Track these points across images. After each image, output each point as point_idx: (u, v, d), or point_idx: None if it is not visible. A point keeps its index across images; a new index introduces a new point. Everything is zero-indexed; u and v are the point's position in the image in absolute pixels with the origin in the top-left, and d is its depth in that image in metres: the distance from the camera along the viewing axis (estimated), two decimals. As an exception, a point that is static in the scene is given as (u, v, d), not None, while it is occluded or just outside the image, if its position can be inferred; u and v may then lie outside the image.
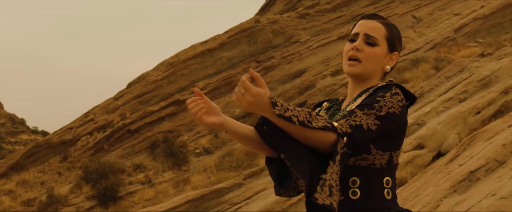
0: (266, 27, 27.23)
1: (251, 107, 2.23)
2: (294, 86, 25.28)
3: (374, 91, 2.39)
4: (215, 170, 22.16)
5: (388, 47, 2.52)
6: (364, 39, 2.49)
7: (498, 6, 28.11)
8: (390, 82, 2.46)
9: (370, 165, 2.40)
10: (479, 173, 11.15)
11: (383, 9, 28.68)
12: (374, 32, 2.50)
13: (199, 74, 25.98)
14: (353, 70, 2.48)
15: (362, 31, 2.50)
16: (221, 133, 24.11)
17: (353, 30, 2.53)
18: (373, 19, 2.54)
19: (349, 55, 2.48)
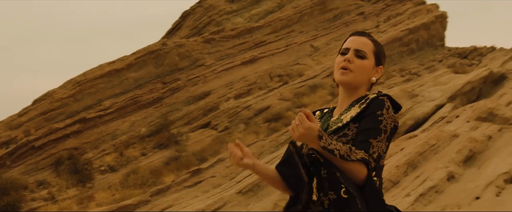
0: (173, 50, 27.86)
1: (301, 138, 2.52)
2: (198, 107, 26.02)
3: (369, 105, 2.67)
4: (119, 187, 22.37)
5: (375, 61, 2.84)
6: (354, 53, 2.76)
7: (387, 40, 30.19)
8: (380, 93, 2.74)
9: None
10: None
11: (284, 38, 30.09)
12: (363, 47, 2.78)
13: (105, 93, 26.18)
14: (344, 78, 2.76)
15: (353, 46, 2.78)
16: (127, 151, 24.44)
17: (344, 45, 2.81)
18: (363, 36, 2.83)
19: (341, 66, 2.77)
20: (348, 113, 2.76)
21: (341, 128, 2.74)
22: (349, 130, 2.72)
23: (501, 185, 11.17)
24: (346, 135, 2.71)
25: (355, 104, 2.77)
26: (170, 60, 27.45)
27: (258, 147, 20.22)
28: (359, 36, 2.84)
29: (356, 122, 2.72)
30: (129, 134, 25.02)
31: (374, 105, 2.69)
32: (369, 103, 2.70)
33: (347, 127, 2.73)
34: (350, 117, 2.73)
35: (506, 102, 15.37)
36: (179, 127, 25.18)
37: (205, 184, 19.06)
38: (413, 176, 12.64)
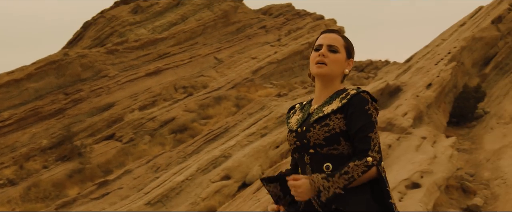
0: (75, 60, 27.40)
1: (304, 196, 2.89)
2: (102, 119, 25.71)
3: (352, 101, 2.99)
4: (20, 201, 21.71)
5: (346, 54, 3.15)
6: (327, 48, 3.09)
7: (289, 53, 31.12)
8: (359, 89, 3.06)
9: (340, 153, 3.00)
10: (284, 199, 12.66)
11: (188, 50, 30.30)
12: (335, 42, 3.12)
13: (4, 104, 25.35)
14: (321, 71, 3.08)
15: (325, 42, 3.11)
16: (27, 164, 23.76)
17: (317, 42, 3.14)
18: (333, 33, 3.18)
19: (317, 60, 3.09)
20: (329, 105, 3.07)
21: (323, 118, 3.04)
22: (330, 120, 3.02)
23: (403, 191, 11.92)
24: (328, 125, 3.02)
25: (335, 98, 3.09)
26: (72, 71, 26.98)
27: (165, 158, 20.29)
28: (329, 33, 3.18)
29: (337, 113, 3.03)
30: (30, 146, 24.35)
31: (358, 101, 3.01)
32: (350, 99, 3.03)
33: (328, 118, 3.03)
34: (331, 109, 3.04)
35: (403, 113, 16.31)
36: (82, 139, 24.77)
37: (112, 196, 18.90)
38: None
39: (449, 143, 14.55)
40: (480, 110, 19.53)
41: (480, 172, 14.63)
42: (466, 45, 20.91)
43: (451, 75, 18.86)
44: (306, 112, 3.19)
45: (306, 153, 3.07)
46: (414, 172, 12.16)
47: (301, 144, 3.09)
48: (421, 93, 17.57)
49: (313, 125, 3.06)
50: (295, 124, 3.19)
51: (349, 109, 3.01)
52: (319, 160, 3.02)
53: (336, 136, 3.01)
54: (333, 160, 3.01)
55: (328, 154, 3.02)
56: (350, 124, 3.00)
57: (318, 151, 3.04)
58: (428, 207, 11.27)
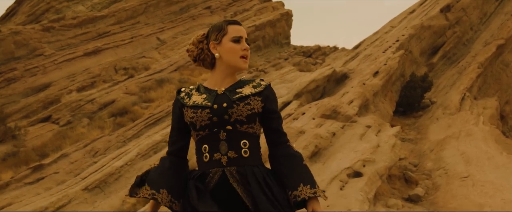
0: (8, 37, 26.18)
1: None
2: (38, 100, 24.67)
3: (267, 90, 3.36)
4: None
5: None
6: (246, 41, 3.38)
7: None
8: (263, 80, 3.45)
9: (254, 133, 3.26)
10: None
11: (129, 29, 29.40)
12: (246, 35, 3.43)
13: None
14: (246, 66, 3.38)
15: (243, 35, 3.39)
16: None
17: (234, 32, 3.37)
18: (241, 25, 3.44)
19: (244, 54, 3.36)
20: (243, 89, 3.32)
21: (245, 98, 3.28)
22: (251, 100, 3.28)
23: (345, 179, 11.77)
24: (249, 104, 3.26)
25: (244, 85, 3.36)
26: (5, 48, 25.77)
27: (104, 142, 19.59)
28: (241, 26, 3.41)
29: (256, 96, 3.29)
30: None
31: (271, 91, 3.39)
32: (265, 87, 3.37)
33: (249, 98, 3.28)
34: (249, 92, 3.30)
35: (348, 101, 16.12)
36: (16, 121, 23.72)
37: (48, 181, 18.13)
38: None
39: (393, 133, 14.42)
40: (426, 100, 19.55)
41: (423, 162, 14.60)
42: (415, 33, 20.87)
43: (398, 64, 18.78)
44: (212, 93, 3.33)
45: (222, 129, 3.21)
46: (356, 160, 12.01)
47: (219, 120, 3.22)
48: (368, 81, 17.40)
49: (236, 102, 3.24)
50: (205, 101, 3.30)
51: (268, 97, 3.33)
52: (237, 137, 3.20)
53: (255, 116, 3.25)
54: (249, 137, 3.23)
55: (245, 132, 3.22)
56: (270, 108, 3.32)
57: (237, 127, 3.21)
58: (369, 196, 11.14)
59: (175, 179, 3.25)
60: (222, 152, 3.19)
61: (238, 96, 3.27)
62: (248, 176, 3.16)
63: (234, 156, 3.19)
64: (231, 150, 3.19)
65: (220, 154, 3.19)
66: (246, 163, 3.19)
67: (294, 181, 3.20)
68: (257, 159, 3.24)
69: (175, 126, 3.42)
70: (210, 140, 3.22)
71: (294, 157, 3.30)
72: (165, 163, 3.34)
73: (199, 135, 3.26)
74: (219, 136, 3.20)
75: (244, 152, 3.20)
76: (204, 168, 3.21)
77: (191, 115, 3.27)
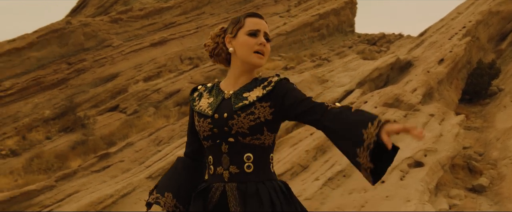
0: (78, 29, 26.90)
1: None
2: (106, 89, 25.28)
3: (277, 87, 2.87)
4: (22, 173, 21.48)
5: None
6: (264, 36, 2.97)
7: (298, 24, 30.42)
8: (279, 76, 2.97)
9: (261, 144, 2.86)
10: (285, 177, 12.24)
11: (194, 20, 29.69)
12: (267, 30, 3.02)
13: (5, 73, 24.96)
14: (261, 62, 2.96)
15: (262, 29, 2.98)
16: (30, 135, 23.45)
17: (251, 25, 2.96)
18: (262, 18, 3.04)
19: (258, 49, 2.94)
20: (251, 92, 2.91)
21: (248, 106, 2.88)
22: (256, 108, 2.87)
23: (405, 169, 11.53)
24: (253, 113, 2.86)
25: (255, 85, 2.94)
26: (75, 40, 26.49)
27: (168, 131, 19.89)
28: (261, 19, 3.02)
29: (262, 101, 2.87)
30: (32, 116, 24.01)
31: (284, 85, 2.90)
32: (275, 86, 2.90)
33: (254, 106, 2.87)
34: (256, 97, 2.89)
35: (412, 89, 15.76)
36: (85, 110, 24.39)
37: (113, 169, 18.56)
38: (322, 161, 12.83)
39: (457, 121, 14.00)
40: (494, 88, 18.93)
41: (489, 151, 14.13)
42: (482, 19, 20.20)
43: (464, 51, 18.22)
44: (219, 96, 3.00)
45: (224, 142, 2.88)
46: (417, 150, 11.73)
47: (220, 132, 2.89)
48: (433, 69, 16.97)
49: (237, 113, 2.88)
50: (208, 108, 2.97)
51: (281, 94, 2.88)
52: (239, 150, 2.87)
53: (261, 125, 2.86)
54: (254, 150, 2.87)
55: (249, 144, 2.87)
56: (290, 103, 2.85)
57: (239, 140, 2.87)
58: (430, 186, 10.87)
59: (185, 183, 2.99)
60: (224, 167, 2.86)
61: (241, 105, 2.88)
62: (247, 194, 2.80)
63: (236, 172, 2.85)
64: (233, 164, 2.85)
65: (222, 168, 2.87)
66: (249, 179, 2.83)
67: (356, 128, 2.62)
68: (263, 174, 2.86)
69: (189, 127, 3.14)
70: (214, 152, 2.90)
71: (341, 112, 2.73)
72: (178, 164, 3.09)
73: (205, 145, 2.96)
74: (221, 149, 2.87)
75: (247, 167, 2.84)
76: (209, 181, 2.91)
77: (196, 122, 2.98)
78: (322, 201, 11.18)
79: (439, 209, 10.44)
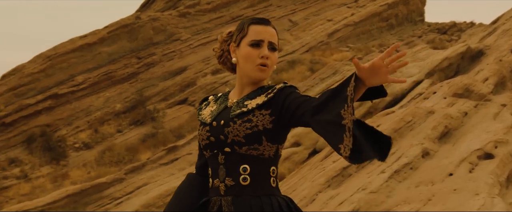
0: (147, 24, 27.37)
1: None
2: (175, 83, 25.63)
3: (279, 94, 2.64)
4: (95, 165, 22.07)
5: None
6: (269, 46, 2.71)
7: (367, 15, 29.95)
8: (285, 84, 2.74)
9: (260, 155, 2.64)
10: (351, 169, 12.06)
11: (261, 12, 29.67)
12: (274, 39, 2.74)
13: (78, 68, 25.68)
14: (264, 75, 2.73)
15: (267, 38, 2.71)
16: (102, 128, 24.04)
17: (254, 35, 2.71)
18: (269, 26, 2.77)
19: (262, 63, 2.70)
20: (253, 100, 2.71)
21: (246, 113, 2.68)
22: (254, 116, 2.66)
23: (474, 162, 11.14)
24: (251, 121, 2.65)
25: (260, 94, 2.73)
26: (144, 34, 26.97)
27: (233, 123, 19.98)
28: (267, 26, 2.77)
29: (262, 109, 2.66)
30: (104, 110, 24.62)
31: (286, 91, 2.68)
32: (277, 92, 2.68)
33: (252, 113, 2.67)
34: (256, 104, 2.69)
35: (483, 79, 15.22)
36: (155, 103, 24.81)
37: (181, 162, 18.82)
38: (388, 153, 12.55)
39: (531, 111, 13.41)
40: None
41: None
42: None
43: (539, 37, 17.45)
44: (222, 104, 2.82)
45: (220, 152, 2.69)
46: (488, 142, 11.29)
47: (216, 140, 2.70)
48: (505, 57, 16.33)
49: (233, 120, 2.68)
50: (208, 116, 2.80)
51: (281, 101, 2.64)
52: (236, 161, 2.65)
53: (258, 134, 2.64)
54: (252, 161, 2.65)
55: (246, 155, 2.65)
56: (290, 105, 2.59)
57: (235, 150, 2.66)
58: (500, 179, 10.44)
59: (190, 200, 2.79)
60: (220, 179, 2.67)
61: (239, 112, 2.68)
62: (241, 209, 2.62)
63: (231, 184, 2.64)
64: (228, 176, 2.65)
65: (218, 181, 2.68)
66: (244, 192, 2.62)
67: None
68: (260, 188, 2.63)
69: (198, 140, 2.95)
70: (212, 163, 2.71)
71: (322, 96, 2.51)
72: (185, 181, 2.90)
73: (206, 156, 2.77)
74: (218, 160, 2.68)
75: (243, 179, 2.63)
76: (210, 195, 2.73)
77: (198, 132, 2.81)
78: (388, 194, 10.95)
79: (510, 203, 10.03)
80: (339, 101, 2.38)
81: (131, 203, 17.89)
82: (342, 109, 2.36)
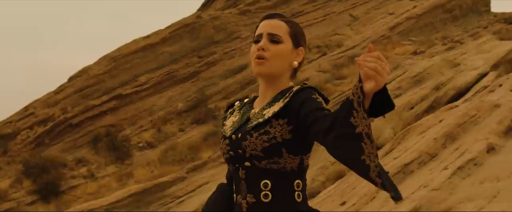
0: (208, 22, 27.57)
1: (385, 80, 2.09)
2: (236, 81, 25.72)
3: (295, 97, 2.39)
4: (158, 164, 22.39)
5: (293, 43, 2.51)
6: (268, 38, 2.48)
7: (429, 7, 29.25)
8: (304, 85, 2.47)
9: (281, 168, 2.43)
10: (412, 166, 11.76)
11: (321, 7, 29.44)
12: (277, 30, 2.49)
13: (141, 68, 26.13)
14: (261, 69, 2.50)
15: (266, 31, 2.51)
16: (165, 127, 24.36)
17: (257, 31, 2.56)
18: (275, 18, 2.56)
19: (256, 55, 2.50)
20: (271, 108, 2.45)
21: (262, 125, 2.41)
22: (271, 127, 2.40)
23: None
24: (268, 133, 2.39)
25: (279, 98, 2.46)
26: (205, 33, 27.18)
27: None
28: (270, 20, 2.55)
29: (279, 118, 2.40)
30: (166, 109, 24.95)
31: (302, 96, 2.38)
32: (292, 97, 2.40)
33: (269, 124, 2.40)
34: (272, 113, 2.42)
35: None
36: (216, 102, 24.97)
37: (240, 160, 18.85)
38: (451, 149, 12.28)
39: None
40: None
41: None
42: None
43: None
44: (245, 114, 2.55)
45: (241, 167, 2.45)
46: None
47: (236, 155, 2.46)
48: None
49: (250, 132, 2.42)
50: (229, 128, 2.55)
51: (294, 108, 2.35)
52: (256, 176, 2.43)
53: (277, 146, 2.38)
54: (273, 176, 2.42)
55: (266, 169, 2.42)
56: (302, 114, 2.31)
57: (255, 164, 2.42)
58: None
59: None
60: (242, 195, 2.48)
61: (255, 123, 2.44)
62: None
63: (253, 201, 2.46)
64: (249, 193, 2.46)
65: (241, 197, 2.49)
66: (266, 210, 2.44)
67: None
68: (283, 205, 2.45)
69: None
70: (235, 178, 2.52)
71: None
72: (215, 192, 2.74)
73: (230, 169, 2.59)
74: (239, 175, 2.48)
75: (264, 196, 2.44)
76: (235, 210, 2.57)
77: (220, 144, 2.60)
78: (451, 191, 10.62)
79: None
80: (346, 110, 2.09)
81: (192, 201, 18.04)
82: (351, 117, 2.08)
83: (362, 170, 2.08)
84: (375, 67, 2.03)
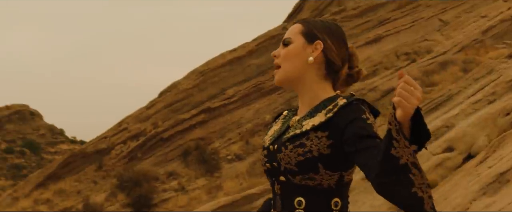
0: (294, 34, 27.54)
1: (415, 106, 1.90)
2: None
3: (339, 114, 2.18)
4: (247, 176, 22.46)
5: (305, 40, 2.33)
6: (281, 45, 2.38)
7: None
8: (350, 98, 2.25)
9: (317, 185, 2.23)
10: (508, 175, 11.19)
11: (410, 13, 28.76)
12: (289, 33, 2.38)
13: (228, 81, 26.38)
14: (276, 78, 2.37)
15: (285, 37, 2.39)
16: (253, 140, 24.42)
17: None
18: (295, 23, 2.43)
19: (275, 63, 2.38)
20: (311, 119, 2.24)
21: (299, 136, 2.21)
22: (308, 140, 2.19)
23: None
24: (304, 146, 2.18)
25: (321, 110, 2.24)
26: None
27: (382, 130, 19.40)
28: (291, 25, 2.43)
29: (318, 131, 2.18)
30: (254, 122, 25.03)
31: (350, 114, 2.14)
32: (338, 111, 2.17)
33: (306, 136, 2.20)
34: (311, 125, 2.21)
35: None
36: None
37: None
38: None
39: None
40: None
41: None
42: None
43: None
44: (286, 123, 2.33)
45: (276, 181, 2.24)
46: None
47: (272, 167, 2.25)
48: None
49: (285, 144, 2.22)
50: (269, 138, 2.35)
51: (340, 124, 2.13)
52: (291, 192, 2.21)
53: (313, 161, 2.16)
54: (308, 193, 2.20)
55: (301, 185, 2.21)
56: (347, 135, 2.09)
57: (289, 179, 2.20)
58: None
59: None
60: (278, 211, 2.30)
61: (292, 134, 2.25)
62: None
63: None
64: (284, 210, 2.26)
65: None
66: None
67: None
68: None
69: None
70: (273, 193, 2.34)
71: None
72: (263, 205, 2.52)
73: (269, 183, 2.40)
74: (275, 189, 2.29)
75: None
76: None
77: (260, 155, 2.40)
78: (551, 201, 10.00)
79: None
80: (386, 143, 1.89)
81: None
82: (392, 148, 1.88)
83: (416, 204, 1.90)
84: (398, 92, 1.87)
